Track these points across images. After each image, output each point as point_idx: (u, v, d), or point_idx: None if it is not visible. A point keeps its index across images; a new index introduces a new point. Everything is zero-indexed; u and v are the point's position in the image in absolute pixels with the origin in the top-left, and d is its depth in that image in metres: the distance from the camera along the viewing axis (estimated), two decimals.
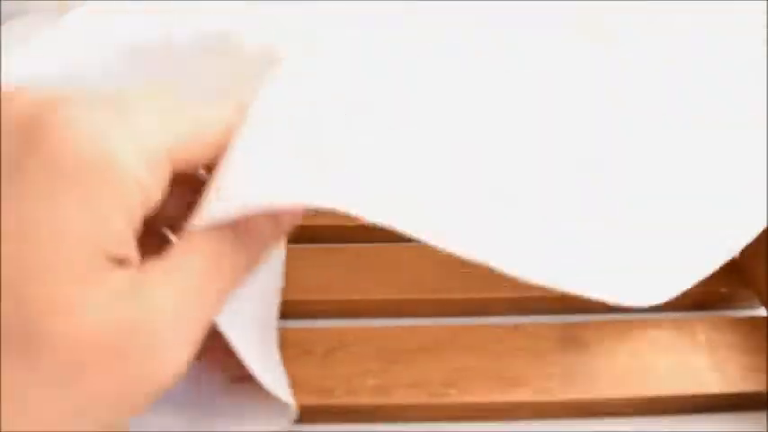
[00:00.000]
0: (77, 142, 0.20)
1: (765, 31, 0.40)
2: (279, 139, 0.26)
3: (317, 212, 0.23)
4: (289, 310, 0.34)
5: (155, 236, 0.25)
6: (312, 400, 0.30)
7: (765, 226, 0.32)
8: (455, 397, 0.31)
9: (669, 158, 0.36)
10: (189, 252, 0.22)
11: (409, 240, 0.24)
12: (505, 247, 0.28)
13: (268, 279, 0.33)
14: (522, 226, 0.32)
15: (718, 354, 0.31)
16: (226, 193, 0.23)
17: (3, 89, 0.24)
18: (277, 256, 0.35)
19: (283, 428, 0.30)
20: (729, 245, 0.33)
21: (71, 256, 0.20)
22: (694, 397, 0.30)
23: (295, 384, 0.30)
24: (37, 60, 0.41)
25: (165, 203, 0.22)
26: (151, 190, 0.21)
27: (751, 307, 0.35)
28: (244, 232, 0.23)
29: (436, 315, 0.34)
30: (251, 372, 0.28)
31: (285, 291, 0.34)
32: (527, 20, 0.44)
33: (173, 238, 0.25)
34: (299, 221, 0.25)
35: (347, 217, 0.22)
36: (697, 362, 0.31)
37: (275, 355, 0.32)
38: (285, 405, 0.30)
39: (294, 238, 0.32)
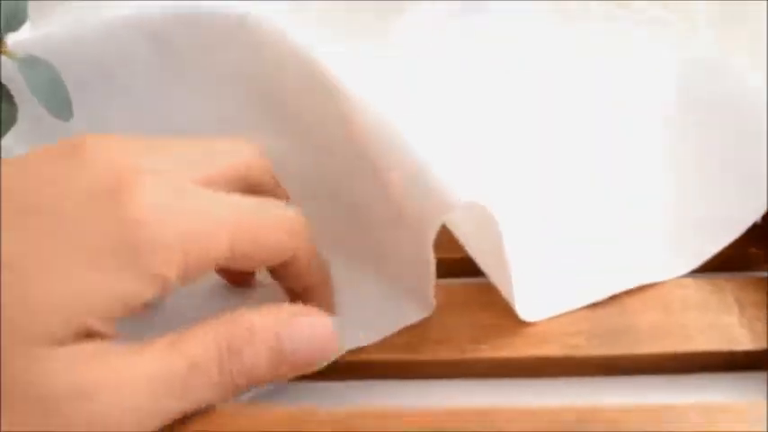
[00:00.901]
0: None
1: None
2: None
3: None
4: None
5: None
6: (345, 356, 0.31)
7: None
8: (485, 352, 0.31)
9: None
10: (164, 352, 0.22)
11: None
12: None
13: None
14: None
15: (747, 312, 0.31)
16: None
17: None
18: None
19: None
20: (754, 207, 0.33)
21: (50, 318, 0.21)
22: (724, 354, 0.30)
23: None
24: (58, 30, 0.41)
25: None
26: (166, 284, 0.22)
27: None
28: (235, 361, 0.23)
29: (465, 275, 0.34)
30: None
31: None
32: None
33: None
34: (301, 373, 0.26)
35: None
36: (727, 320, 0.31)
37: None
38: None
39: None
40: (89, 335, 0.22)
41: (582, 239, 0.35)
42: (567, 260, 0.34)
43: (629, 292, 0.32)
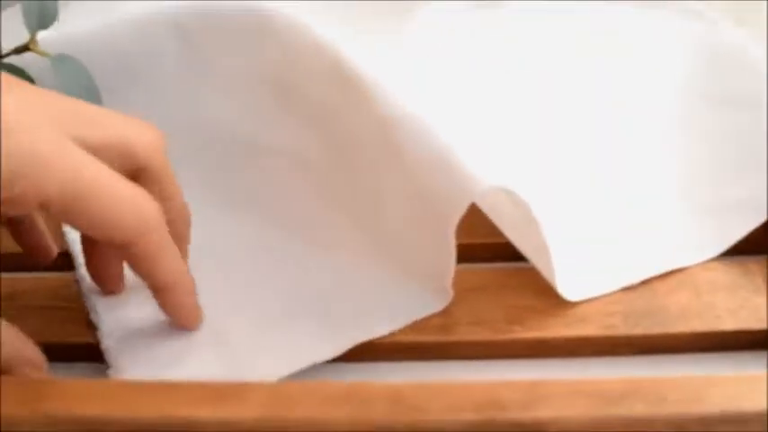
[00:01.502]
0: None
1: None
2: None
3: None
4: None
5: None
6: (380, 339, 0.31)
7: None
8: (519, 333, 0.31)
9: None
10: None
11: None
12: None
13: None
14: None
15: None
16: None
17: None
18: None
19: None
20: None
21: None
22: (753, 332, 0.31)
23: None
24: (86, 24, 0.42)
25: None
26: None
27: None
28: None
29: (499, 260, 0.35)
30: None
31: None
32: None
33: None
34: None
35: None
36: (756, 300, 0.32)
37: None
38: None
39: None
40: None
41: (615, 225, 0.35)
42: (603, 244, 0.34)
43: (659, 276, 0.33)
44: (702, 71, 0.42)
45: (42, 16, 0.37)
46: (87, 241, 0.32)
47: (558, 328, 0.31)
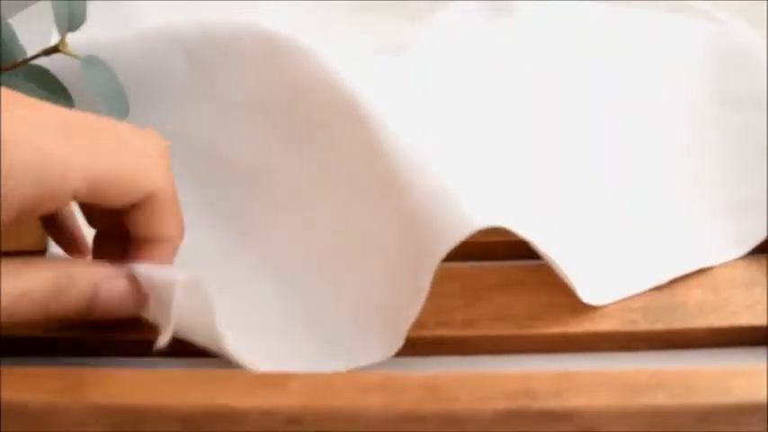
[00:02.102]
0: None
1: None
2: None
3: None
4: None
5: None
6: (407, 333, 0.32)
7: None
8: (540, 328, 0.32)
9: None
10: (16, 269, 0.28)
11: None
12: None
13: None
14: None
15: None
16: None
17: None
18: None
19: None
20: None
21: None
22: None
23: None
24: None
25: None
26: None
27: None
28: (62, 297, 0.28)
29: (521, 257, 0.35)
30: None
31: None
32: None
33: None
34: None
35: None
36: None
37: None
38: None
39: None
40: None
41: (638, 226, 0.36)
42: (626, 246, 0.35)
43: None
44: (713, 70, 0.43)
45: (72, 18, 0.37)
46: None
47: (578, 324, 0.32)
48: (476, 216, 0.30)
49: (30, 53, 0.38)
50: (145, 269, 0.30)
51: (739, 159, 0.38)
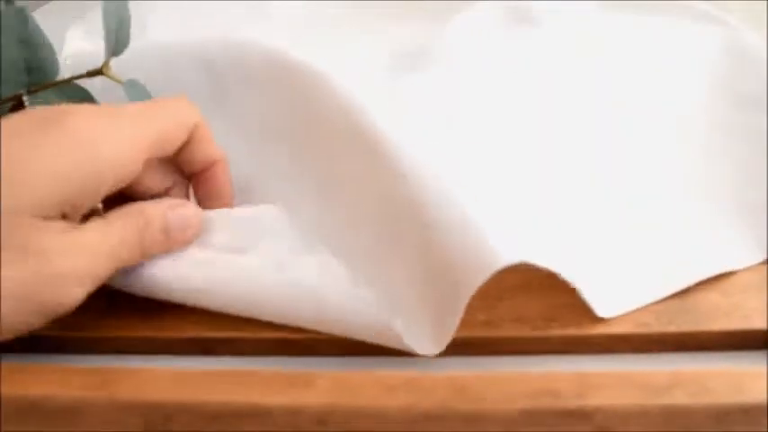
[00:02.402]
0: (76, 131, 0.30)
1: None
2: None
3: None
4: None
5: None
6: None
7: None
8: (556, 330, 0.33)
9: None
10: (105, 226, 0.31)
11: None
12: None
13: None
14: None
15: None
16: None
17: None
18: None
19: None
20: None
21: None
22: None
23: None
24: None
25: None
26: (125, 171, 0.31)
27: None
28: (145, 234, 0.32)
29: None
30: None
31: None
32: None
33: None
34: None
35: None
36: None
37: None
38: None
39: None
40: (63, 217, 0.30)
41: (654, 233, 0.37)
42: (642, 255, 0.36)
43: None
44: (723, 73, 0.44)
45: (119, 43, 0.38)
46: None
47: (593, 326, 0.33)
48: (501, 254, 0.31)
49: None
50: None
51: (753, 163, 0.39)
